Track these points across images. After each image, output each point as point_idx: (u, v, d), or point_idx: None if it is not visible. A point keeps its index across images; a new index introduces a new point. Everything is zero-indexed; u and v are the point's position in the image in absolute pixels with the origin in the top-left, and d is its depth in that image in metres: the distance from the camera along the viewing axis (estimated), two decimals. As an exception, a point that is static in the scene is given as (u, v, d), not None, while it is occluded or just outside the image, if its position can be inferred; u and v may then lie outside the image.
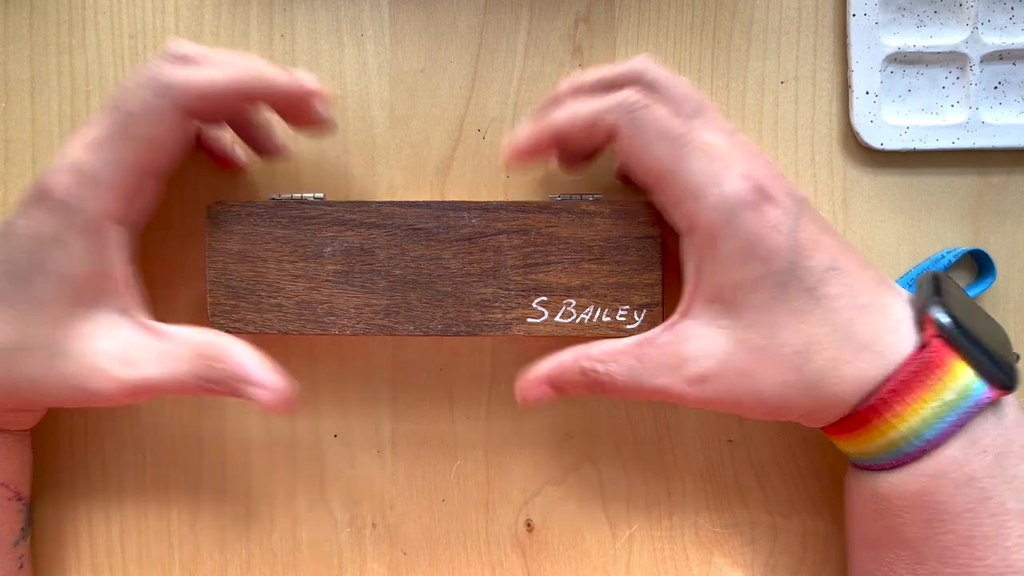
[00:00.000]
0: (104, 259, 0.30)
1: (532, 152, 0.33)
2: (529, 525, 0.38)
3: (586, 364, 0.31)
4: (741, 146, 0.30)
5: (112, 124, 0.30)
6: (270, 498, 0.38)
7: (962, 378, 0.28)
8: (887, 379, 0.29)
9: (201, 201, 0.37)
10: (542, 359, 0.32)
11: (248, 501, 0.38)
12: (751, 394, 0.30)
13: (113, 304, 0.31)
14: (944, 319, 0.29)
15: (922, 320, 0.30)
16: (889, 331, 0.30)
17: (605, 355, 0.31)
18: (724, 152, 0.30)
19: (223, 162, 0.36)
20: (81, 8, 0.38)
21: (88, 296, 0.31)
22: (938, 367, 0.29)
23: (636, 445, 0.38)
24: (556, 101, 0.33)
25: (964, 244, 0.37)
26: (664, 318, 0.33)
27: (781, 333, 0.29)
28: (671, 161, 0.30)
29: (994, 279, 0.36)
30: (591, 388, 0.31)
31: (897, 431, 0.29)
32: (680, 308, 0.31)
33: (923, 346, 0.29)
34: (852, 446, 0.31)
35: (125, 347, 0.31)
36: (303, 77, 0.32)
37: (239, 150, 0.36)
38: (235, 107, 0.31)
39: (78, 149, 0.30)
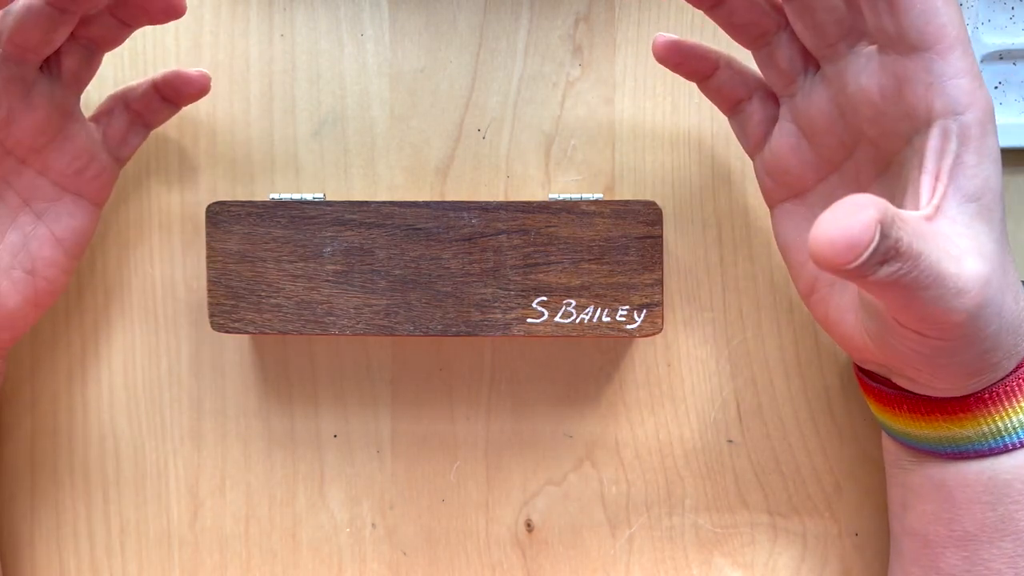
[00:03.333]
0: None
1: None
2: (529, 525, 0.38)
3: (893, 209, 0.23)
4: None
5: None
6: (270, 498, 0.38)
7: None
8: None
9: (201, 201, 0.37)
10: None
11: (248, 501, 0.38)
12: (999, 316, 0.26)
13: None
14: None
15: None
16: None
17: (902, 215, 0.23)
18: None
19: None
20: (81, 8, 0.38)
21: None
22: None
23: (636, 445, 0.38)
24: None
25: (964, 244, 0.37)
26: (663, 319, 0.33)
27: (1008, 258, 0.27)
28: (965, 32, 0.26)
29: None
30: (887, 254, 0.22)
31: None
32: (931, 203, 0.26)
33: None
34: (987, 423, 0.29)
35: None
36: None
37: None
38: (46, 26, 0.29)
39: None
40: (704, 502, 0.38)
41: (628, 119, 0.37)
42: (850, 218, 0.21)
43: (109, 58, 0.38)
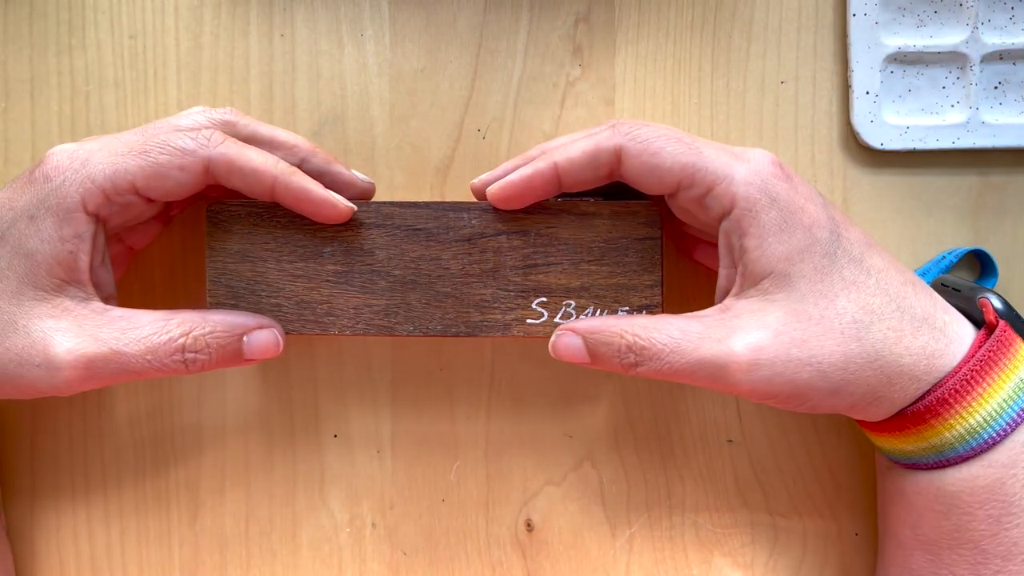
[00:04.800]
0: (68, 248, 0.30)
1: (525, 195, 0.31)
2: (529, 525, 0.38)
3: (627, 328, 0.30)
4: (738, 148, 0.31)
5: (140, 141, 0.30)
6: (270, 498, 0.38)
7: None
8: (964, 360, 0.29)
9: (201, 201, 0.37)
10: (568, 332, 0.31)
11: (248, 501, 0.38)
12: (809, 366, 0.28)
13: (68, 293, 0.30)
14: (999, 304, 0.29)
15: (974, 306, 0.30)
16: (942, 309, 0.30)
17: (649, 322, 0.30)
18: (731, 147, 0.30)
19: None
20: (81, 8, 0.38)
21: (43, 279, 0.30)
22: (1010, 346, 0.29)
23: (636, 445, 0.38)
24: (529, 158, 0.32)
25: (964, 244, 0.37)
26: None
27: (836, 302, 0.29)
28: (690, 155, 0.29)
29: (996, 279, 0.36)
30: (626, 355, 0.30)
31: (976, 416, 0.28)
32: (729, 292, 0.30)
33: (989, 328, 0.29)
34: (918, 441, 0.30)
35: (84, 326, 0.30)
36: (336, 200, 0.31)
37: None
38: (257, 191, 0.31)
39: (95, 143, 0.30)
40: (704, 502, 0.38)
41: (628, 119, 0.37)
42: (566, 338, 0.31)
43: (109, 58, 0.38)
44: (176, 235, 0.38)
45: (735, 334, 0.29)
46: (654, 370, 0.29)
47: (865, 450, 0.37)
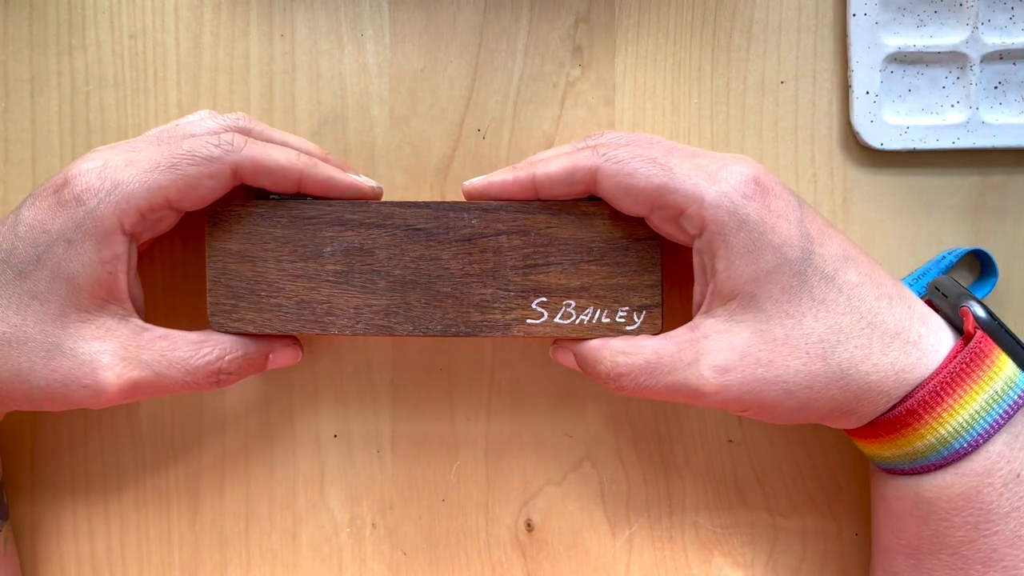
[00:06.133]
0: (108, 268, 0.30)
1: (499, 197, 0.33)
2: (529, 525, 0.38)
3: (607, 355, 0.31)
4: (720, 156, 0.31)
5: (165, 154, 0.30)
6: (270, 498, 0.38)
7: (1007, 369, 0.28)
8: (936, 371, 0.29)
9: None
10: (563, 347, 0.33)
11: (248, 501, 0.38)
12: (775, 385, 0.29)
13: (110, 311, 0.31)
14: (981, 312, 0.29)
15: (958, 313, 0.30)
16: (919, 321, 0.30)
17: (627, 346, 0.31)
18: (709, 161, 0.30)
19: None
20: (81, 8, 0.38)
21: (86, 300, 0.31)
22: (986, 357, 0.29)
23: (636, 445, 0.38)
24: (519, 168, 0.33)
25: (964, 244, 0.37)
26: (664, 319, 0.33)
27: (803, 322, 0.29)
28: (662, 176, 0.30)
29: (996, 279, 0.36)
30: (607, 380, 0.31)
31: (947, 427, 0.28)
32: (699, 312, 0.31)
33: (966, 338, 0.29)
34: (892, 448, 0.30)
35: (128, 347, 0.31)
36: (360, 180, 0.33)
37: None
38: (281, 188, 0.32)
39: (117, 158, 0.30)
40: (704, 502, 0.38)
41: (628, 119, 0.37)
42: (562, 349, 0.33)
43: (109, 58, 0.38)
44: (176, 235, 0.38)
45: (703, 356, 0.30)
46: (632, 391, 0.31)
47: (865, 450, 0.37)
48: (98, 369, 0.30)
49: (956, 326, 0.31)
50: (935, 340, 0.29)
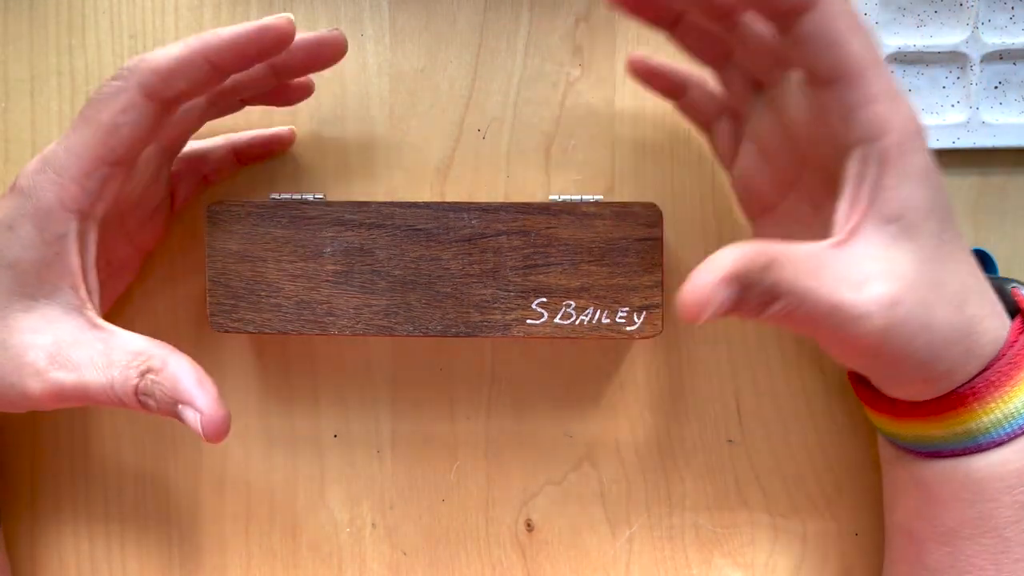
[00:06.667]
0: (54, 249, 0.29)
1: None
2: (529, 525, 0.38)
3: (767, 255, 0.25)
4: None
5: (79, 115, 0.29)
6: (270, 498, 0.38)
7: None
8: (1007, 344, 0.28)
9: (202, 201, 0.37)
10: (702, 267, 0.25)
11: (248, 501, 0.38)
12: (927, 330, 0.27)
13: (59, 299, 0.30)
14: None
15: (1011, 294, 0.30)
16: (996, 299, 0.29)
17: (786, 254, 0.26)
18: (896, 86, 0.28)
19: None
20: (81, 8, 0.38)
21: (32, 286, 0.29)
22: None
23: (636, 445, 0.38)
24: None
25: (964, 244, 0.37)
26: (664, 320, 0.33)
27: (948, 267, 0.27)
28: (875, 56, 0.27)
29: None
30: (767, 296, 0.25)
31: (1012, 403, 0.28)
32: (845, 227, 0.27)
33: None
34: (950, 427, 0.29)
35: (61, 345, 0.29)
36: (267, 22, 0.29)
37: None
38: (201, 80, 0.30)
39: (53, 143, 0.30)
40: (704, 502, 0.38)
41: (628, 119, 0.37)
42: (695, 281, 0.24)
43: (109, 58, 0.38)
44: (176, 235, 0.38)
45: (870, 281, 0.26)
46: (787, 316, 0.26)
47: (865, 450, 0.37)
48: (24, 364, 0.29)
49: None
50: (1004, 319, 0.29)
